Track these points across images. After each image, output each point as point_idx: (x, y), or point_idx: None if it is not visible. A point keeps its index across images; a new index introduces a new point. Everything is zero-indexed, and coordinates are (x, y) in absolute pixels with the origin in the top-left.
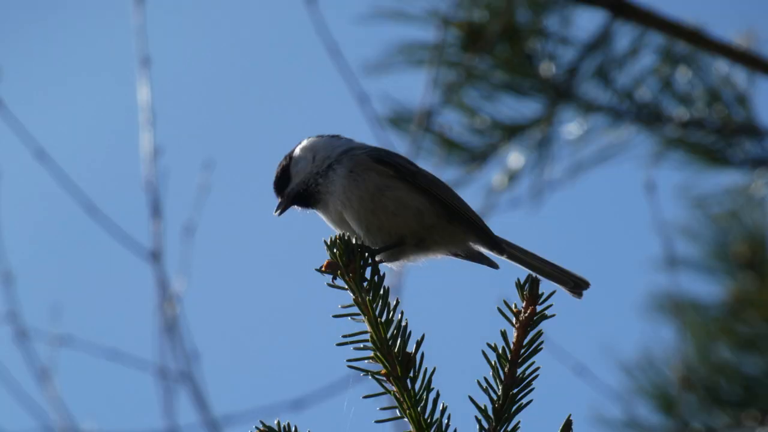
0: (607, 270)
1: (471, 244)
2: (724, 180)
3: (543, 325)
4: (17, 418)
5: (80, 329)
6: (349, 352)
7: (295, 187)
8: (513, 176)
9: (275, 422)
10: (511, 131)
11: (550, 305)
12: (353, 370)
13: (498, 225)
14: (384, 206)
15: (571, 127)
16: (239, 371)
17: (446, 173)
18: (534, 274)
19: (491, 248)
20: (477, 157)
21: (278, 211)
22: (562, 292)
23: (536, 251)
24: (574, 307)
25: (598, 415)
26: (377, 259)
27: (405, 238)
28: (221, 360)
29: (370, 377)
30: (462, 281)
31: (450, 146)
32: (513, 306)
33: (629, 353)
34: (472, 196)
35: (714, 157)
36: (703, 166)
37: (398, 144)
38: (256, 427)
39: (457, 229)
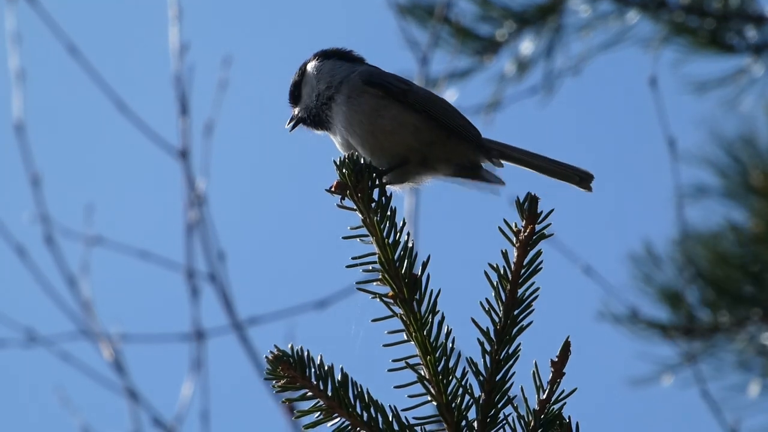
0: (615, 162)
1: (474, 157)
2: (726, 65)
3: (552, 222)
4: (50, 321)
5: (110, 230)
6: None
7: (301, 112)
8: (524, 65)
9: (289, 346)
10: (523, 20)
11: (549, 224)
12: (361, 293)
13: (510, 114)
14: (381, 127)
15: (580, 13)
16: (264, 272)
17: (461, 62)
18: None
19: (485, 157)
20: (490, 45)
21: (290, 125)
22: (565, 200)
23: (547, 142)
24: (579, 204)
25: (605, 312)
26: (384, 180)
27: (408, 158)
28: (246, 261)
29: (378, 300)
30: (468, 200)
31: (464, 35)
32: (513, 225)
33: (636, 248)
34: (485, 85)
35: (716, 43)
36: (706, 52)
37: (417, 34)
38: (270, 351)
39: (457, 142)
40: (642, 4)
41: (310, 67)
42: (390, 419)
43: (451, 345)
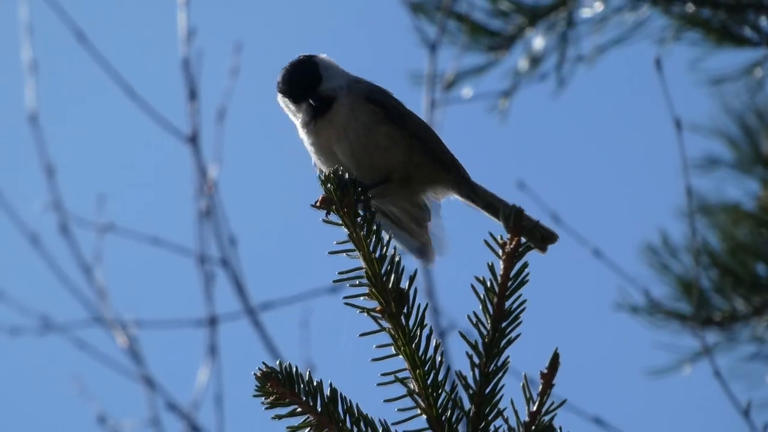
0: (627, 155)
1: (449, 189)
2: (739, 58)
3: (565, 200)
4: (66, 308)
5: (122, 217)
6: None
7: (329, 90)
8: (536, 60)
9: (277, 363)
10: (534, 14)
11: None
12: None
13: (523, 109)
14: (376, 142)
15: (592, 8)
16: (277, 257)
17: (474, 59)
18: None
19: (467, 194)
20: (502, 41)
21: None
22: (581, 190)
23: (559, 134)
24: (595, 195)
25: (622, 303)
26: (369, 195)
27: (392, 175)
28: (258, 246)
29: (366, 315)
30: (452, 213)
31: (475, 31)
32: (499, 238)
33: (652, 239)
34: (497, 80)
35: (729, 35)
36: (718, 45)
37: (425, 28)
38: (258, 368)
39: (440, 170)
40: None
41: (323, 57)
42: None
43: (439, 358)
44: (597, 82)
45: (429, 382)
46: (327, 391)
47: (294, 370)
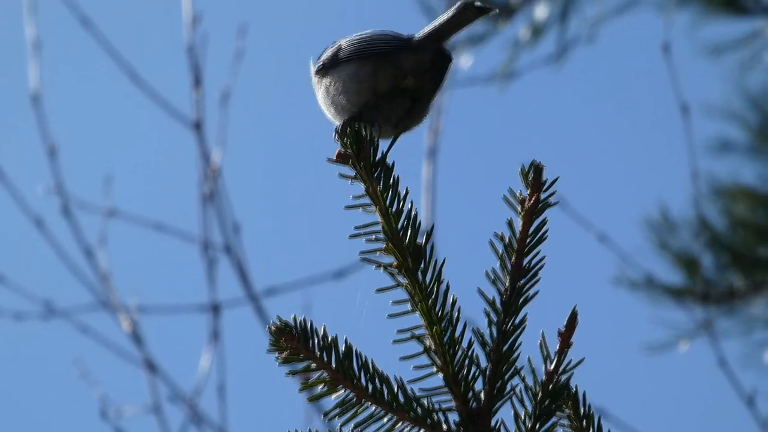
0: (630, 127)
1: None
2: (741, 28)
3: (557, 191)
4: (69, 293)
5: (125, 201)
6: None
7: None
8: (539, 30)
9: (292, 317)
10: None
11: (554, 192)
12: (365, 263)
13: (525, 80)
14: (332, 97)
15: None
16: (280, 243)
17: (476, 28)
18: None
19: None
20: (504, 11)
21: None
22: (579, 166)
23: (560, 107)
24: (597, 171)
25: (621, 277)
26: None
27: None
28: (262, 232)
29: (382, 270)
30: (471, 166)
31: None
32: (518, 194)
33: (651, 213)
34: (499, 50)
35: (731, 5)
36: (720, 14)
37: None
38: (273, 323)
39: (403, 56)
40: None
41: None
42: (395, 391)
43: (456, 315)
44: (598, 54)
45: (446, 339)
46: (342, 347)
47: (308, 324)
